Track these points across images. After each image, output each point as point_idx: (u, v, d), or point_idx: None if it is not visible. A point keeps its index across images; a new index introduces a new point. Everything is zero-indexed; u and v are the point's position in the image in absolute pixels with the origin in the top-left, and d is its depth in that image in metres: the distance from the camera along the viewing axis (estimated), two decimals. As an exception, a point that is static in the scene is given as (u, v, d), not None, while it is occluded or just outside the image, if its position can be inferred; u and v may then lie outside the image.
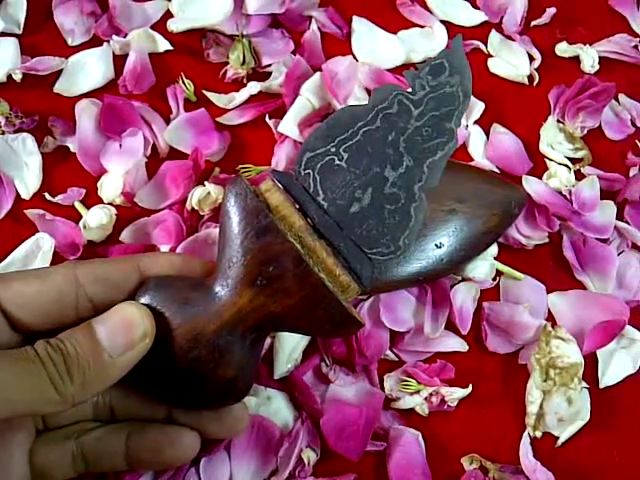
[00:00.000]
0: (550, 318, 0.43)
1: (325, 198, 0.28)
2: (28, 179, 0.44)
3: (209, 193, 0.42)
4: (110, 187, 0.43)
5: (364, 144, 0.28)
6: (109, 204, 0.43)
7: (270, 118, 0.46)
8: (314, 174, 0.28)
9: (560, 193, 0.45)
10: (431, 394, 0.40)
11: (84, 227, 0.42)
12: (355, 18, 0.51)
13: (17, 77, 0.47)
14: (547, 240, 0.44)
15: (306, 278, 0.26)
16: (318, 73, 0.47)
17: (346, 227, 0.28)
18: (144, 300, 0.28)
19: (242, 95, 0.47)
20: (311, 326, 0.27)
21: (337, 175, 0.28)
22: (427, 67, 0.30)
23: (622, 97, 0.50)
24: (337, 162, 0.28)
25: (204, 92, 0.47)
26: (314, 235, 0.27)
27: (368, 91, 0.48)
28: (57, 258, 0.41)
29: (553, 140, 0.47)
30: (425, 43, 0.50)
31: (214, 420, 0.31)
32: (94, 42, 0.49)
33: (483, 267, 0.42)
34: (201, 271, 0.30)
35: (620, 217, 0.45)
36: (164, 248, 0.42)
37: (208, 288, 0.28)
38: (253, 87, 0.47)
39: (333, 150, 0.28)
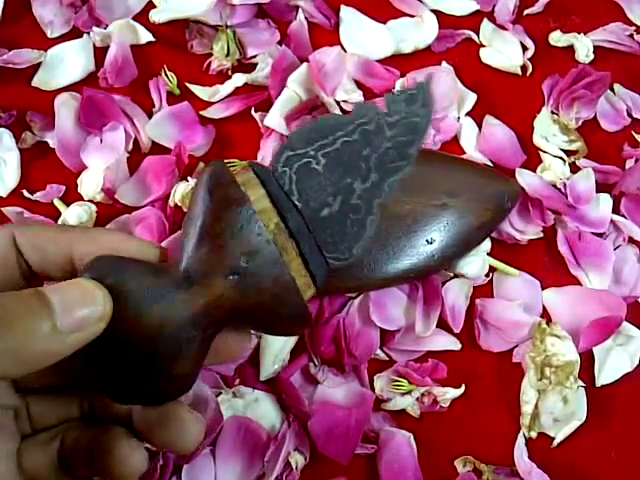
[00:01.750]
0: (545, 315, 0.42)
1: (299, 199, 0.28)
2: (6, 176, 0.43)
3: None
4: (90, 183, 0.42)
5: (341, 153, 0.29)
6: (89, 201, 0.42)
7: (256, 111, 0.45)
8: (291, 173, 0.28)
9: (554, 186, 0.44)
10: (423, 394, 0.39)
11: (63, 225, 0.41)
12: (343, 8, 0.50)
13: (-6, 71, 0.45)
14: (541, 235, 0.43)
15: (280, 277, 0.26)
16: (305, 64, 0.46)
17: (314, 230, 0.28)
18: (104, 280, 0.25)
19: (227, 87, 0.46)
20: (271, 323, 0.27)
21: (312, 178, 0.28)
22: (404, 95, 0.31)
23: (618, 87, 0.49)
24: (314, 166, 0.28)
25: (188, 85, 0.46)
26: (286, 234, 0.27)
27: (357, 82, 0.47)
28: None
29: (547, 132, 0.46)
30: (415, 33, 0.49)
31: (163, 430, 0.27)
32: (74, 34, 0.48)
33: (475, 263, 0.41)
34: (152, 256, 0.28)
35: (616, 210, 0.44)
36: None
37: (173, 276, 0.26)
38: (238, 79, 0.46)
39: (312, 153, 0.29)
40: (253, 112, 0.45)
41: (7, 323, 0.21)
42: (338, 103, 0.46)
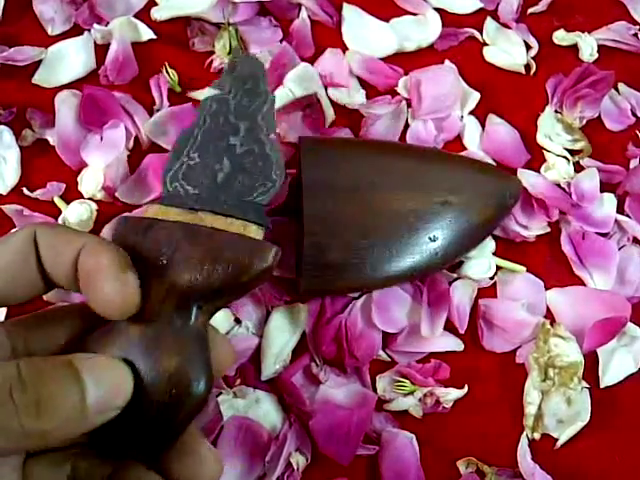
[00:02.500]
0: (549, 315, 0.41)
1: (195, 188, 0.30)
2: (6, 173, 0.43)
3: (193, 187, 0.41)
4: (90, 181, 0.42)
5: (205, 139, 0.32)
6: (89, 199, 0.42)
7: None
8: (180, 182, 0.31)
9: (558, 186, 0.44)
10: (425, 395, 0.38)
11: (63, 223, 0.40)
12: (346, 6, 0.49)
13: (-6, 68, 0.45)
14: (548, 229, 0.43)
15: (197, 234, 0.27)
16: (303, 64, 0.46)
17: (222, 195, 0.30)
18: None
19: (228, 85, 0.45)
20: (231, 271, 0.27)
21: (196, 169, 0.31)
22: (224, 72, 0.35)
23: (622, 86, 0.48)
24: (192, 163, 0.31)
25: (189, 94, 0.46)
26: (195, 213, 0.29)
27: (360, 80, 0.47)
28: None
29: (551, 131, 0.46)
30: (418, 31, 0.49)
31: (182, 467, 0.26)
32: (75, 31, 0.48)
33: (481, 265, 0.41)
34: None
35: (620, 210, 0.44)
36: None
37: (159, 313, 0.26)
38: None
39: (185, 159, 0.31)
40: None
41: (42, 403, 0.21)
42: (333, 103, 0.46)
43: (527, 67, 0.49)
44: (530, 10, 0.51)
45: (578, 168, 0.45)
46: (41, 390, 0.21)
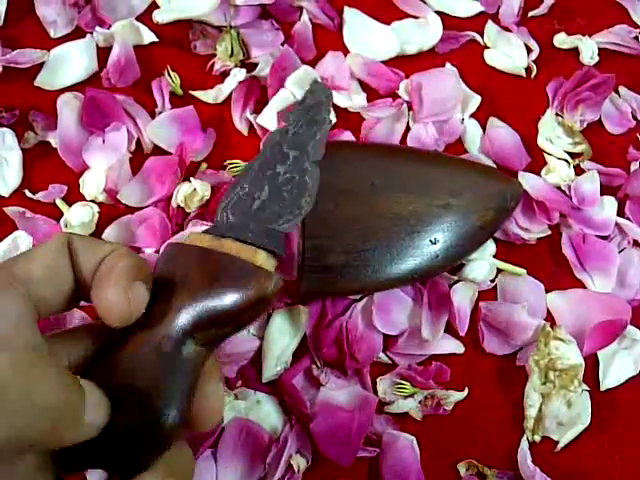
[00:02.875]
0: (549, 318, 0.41)
1: (234, 217, 0.31)
2: (8, 176, 0.43)
3: (195, 190, 0.41)
4: (92, 184, 0.42)
5: (260, 168, 0.33)
6: (91, 201, 0.42)
7: (252, 113, 0.45)
8: (227, 213, 0.31)
9: (559, 189, 0.44)
10: (426, 397, 0.39)
11: (65, 225, 0.41)
12: (347, 9, 0.49)
13: (-3, 70, 0.45)
14: (549, 232, 0.43)
15: (206, 261, 0.27)
16: (304, 66, 0.46)
17: (251, 221, 0.31)
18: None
19: (229, 85, 0.45)
20: (225, 300, 0.26)
21: (242, 197, 0.32)
22: (295, 103, 0.37)
23: (622, 89, 0.48)
24: (241, 192, 0.32)
25: (191, 92, 0.46)
26: (220, 239, 0.29)
27: (361, 83, 0.47)
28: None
29: (552, 134, 0.46)
30: (419, 34, 0.49)
31: None
32: (77, 34, 0.48)
33: (482, 268, 0.41)
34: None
35: (621, 213, 0.44)
36: (149, 250, 0.41)
37: (153, 334, 0.26)
38: (238, 74, 0.45)
39: (238, 190, 0.32)
40: (249, 114, 0.45)
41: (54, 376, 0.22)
42: (334, 106, 0.46)
43: (528, 70, 0.49)
44: (531, 13, 0.51)
45: (579, 171, 0.45)
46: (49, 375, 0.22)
